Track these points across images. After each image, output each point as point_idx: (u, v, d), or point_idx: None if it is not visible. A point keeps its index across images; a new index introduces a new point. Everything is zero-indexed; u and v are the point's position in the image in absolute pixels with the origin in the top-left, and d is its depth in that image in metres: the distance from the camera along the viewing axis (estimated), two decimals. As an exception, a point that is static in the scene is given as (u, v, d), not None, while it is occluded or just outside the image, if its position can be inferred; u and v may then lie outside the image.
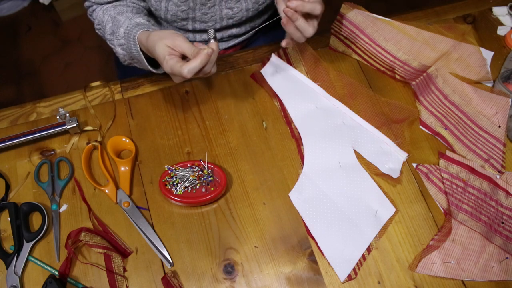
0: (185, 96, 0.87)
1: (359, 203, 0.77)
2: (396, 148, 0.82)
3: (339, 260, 0.72)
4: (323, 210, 0.76)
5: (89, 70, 1.84)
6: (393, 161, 0.81)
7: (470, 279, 0.71)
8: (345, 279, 0.71)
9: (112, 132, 0.83)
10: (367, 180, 0.79)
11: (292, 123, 0.84)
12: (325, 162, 0.80)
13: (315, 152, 0.81)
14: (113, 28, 0.78)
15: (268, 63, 0.91)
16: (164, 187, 0.75)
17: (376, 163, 0.81)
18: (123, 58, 0.82)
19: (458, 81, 0.87)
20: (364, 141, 0.83)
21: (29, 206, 0.74)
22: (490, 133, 0.83)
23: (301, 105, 0.86)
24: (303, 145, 0.82)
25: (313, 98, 0.87)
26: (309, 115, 0.85)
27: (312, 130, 0.84)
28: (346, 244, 0.73)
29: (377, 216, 0.76)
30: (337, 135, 0.83)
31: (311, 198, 0.77)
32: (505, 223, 0.75)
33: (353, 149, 0.82)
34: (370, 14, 0.93)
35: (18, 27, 1.95)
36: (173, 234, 0.74)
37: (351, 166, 0.80)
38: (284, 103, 0.86)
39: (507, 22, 0.98)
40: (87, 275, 0.71)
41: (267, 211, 0.76)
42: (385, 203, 0.77)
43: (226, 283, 0.71)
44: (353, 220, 0.75)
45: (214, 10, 0.88)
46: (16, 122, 0.84)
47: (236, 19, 0.92)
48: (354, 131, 0.84)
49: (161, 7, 0.86)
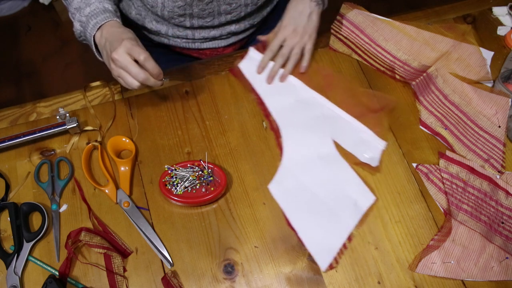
0: (185, 96, 0.87)
1: (338, 193, 0.77)
2: (375, 137, 0.83)
3: (319, 249, 0.72)
4: (303, 200, 0.76)
5: (89, 70, 1.84)
6: (372, 150, 0.82)
7: (470, 279, 0.71)
8: (326, 268, 0.71)
9: (112, 132, 0.83)
10: (347, 170, 0.80)
11: (270, 115, 0.85)
12: (304, 154, 0.81)
13: (294, 144, 0.82)
14: (80, 4, 0.79)
15: (246, 57, 0.91)
16: (164, 187, 0.75)
17: (355, 153, 0.82)
18: (79, 34, 0.83)
19: (458, 81, 0.87)
20: (343, 131, 0.84)
21: (29, 206, 0.74)
22: (490, 133, 0.83)
23: (280, 98, 0.87)
24: (281, 137, 0.82)
25: (292, 91, 0.88)
26: (288, 107, 0.86)
27: (292, 122, 0.84)
28: (326, 234, 0.74)
29: (357, 205, 0.76)
30: (316, 126, 0.84)
31: (290, 189, 0.77)
32: (505, 223, 0.75)
33: (332, 140, 0.82)
34: (370, 14, 0.93)
35: (18, 27, 1.95)
36: (173, 234, 0.74)
37: (330, 156, 0.81)
38: (262, 97, 0.87)
39: (507, 22, 0.98)
40: (87, 275, 0.71)
41: (267, 211, 0.76)
42: (364, 192, 0.78)
43: (226, 283, 0.71)
44: (333, 210, 0.76)
45: (212, 6, 0.88)
46: (16, 122, 0.84)
47: (234, 15, 0.92)
48: (333, 122, 0.84)
49: (158, 3, 0.85)
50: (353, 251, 0.73)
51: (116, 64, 0.71)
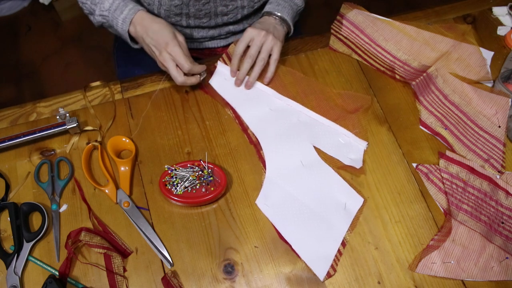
0: (185, 96, 0.87)
1: (327, 199, 0.77)
2: (355, 138, 0.82)
3: (315, 259, 0.72)
4: (292, 212, 0.75)
5: (89, 70, 1.84)
6: (354, 151, 0.81)
7: (470, 279, 0.71)
8: (324, 277, 0.71)
9: (112, 132, 0.83)
10: (331, 174, 0.79)
11: (248, 129, 0.83)
12: (287, 164, 0.80)
13: (275, 155, 0.80)
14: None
15: (215, 73, 0.89)
16: (164, 187, 0.75)
17: (337, 156, 0.81)
18: (100, 26, 0.87)
19: (458, 81, 0.87)
20: (323, 136, 0.83)
21: (29, 206, 0.74)
22: (490, 133, 0.84)
23: (255, 109, 0.85)
24: (262, 150, 0.81)
25: (265, 100, 0.86)
26: (264, 118, 0.84)
27: (269, 133, 0.82)
28: (320, 242, 0.73)
29: (347, 208, 0.76)
30: (295, 134, 0.83)
31: (278, 202, 0.76)
32: (505, 223, 0.75)
33: (313, 146, 0.82)
34: (370, 14, 0.94)
35: (18, 27, 1.95)
36: (173, 234, 0.74)
37: (314, 163, 0.80)
38: (237, 110, 0.85)
39: (507, 22, 0.98)
40: (87, 275, 0.71)
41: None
42: (352, 194, 0.77)
43: (226, 283, 0.71)
44: (323, 217, 0.75)
45: (208, 6, 0.88)
46: (16, 122, 0.84)
47: (231, 16, 0.92)
48: (311, 128, 0.83)
49: (154, 1, 0.85)
50: (353, 251, 0.73)
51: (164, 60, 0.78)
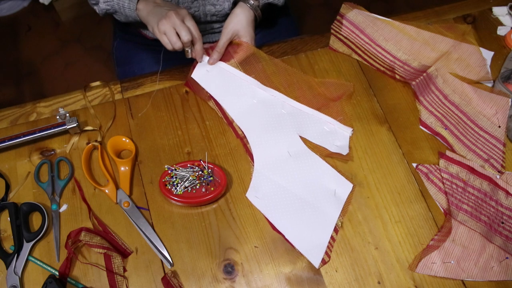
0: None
1: (316, 187, 0.77)
2: (340, 125, 0.83)
3: (309, 247, 0.73)
4: (283, 202, 0.76)
5: (89, 70, 1.83)
6: (339, 138, 0.82)
7: (470, 279, 0.71)
8: (319, 264, 0.71)
9: (112, 132, 0.83)
10: (319, 162, 0.80)
11: (234, 122, 0.83)
12: (274, 155, 0.80)
13: (262, 147, 0.81)
14: None
15: (197, 66, 0.88)
16: (164, 187, 0.75)
17: (323, 144, 0.82)
18: (104, 13, 0.87)
19: (458, 81, 0.87)
20: (308, 125, 0.84)
21: (29, 206, 0.74)
22: (490, 133, 0.84)
23: (239, 101, 0.85)
24: (249, 143, 0.81)
25: (250, 92, 0.86)
26: (249, 110, 0.84)
27: (254, 125, 0.83)
28: (313, 230, 0.74)
29: (336, 195, 0.76)
30: (280, 125, 0.83)
31: (269, 193, 0.77)
32: (505, 223, 0.75)
33: (299, 136, 0.82)
34: (370, 14, 0.94)
35: (18, 27, 1.95)
36: (173, 234, 0.74)
37: (301, 152, 0.81)
38: (221, 103, 0.85)
39: (507, 22, 0.98)
40: (87, 275, 0.71)
41: (267, 211, 0.76)
42: (341, 181, 0.78)
43: (226, 283, 0.71)
44: (314, 205, 0.76)
45: (197, 4, 0.89)
46: (16, 122, 0.84)
47: (219, 16, 0.92)
48: (296, 118, 0.84)
49: None
50: (353, 251, 0.73)
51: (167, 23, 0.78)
